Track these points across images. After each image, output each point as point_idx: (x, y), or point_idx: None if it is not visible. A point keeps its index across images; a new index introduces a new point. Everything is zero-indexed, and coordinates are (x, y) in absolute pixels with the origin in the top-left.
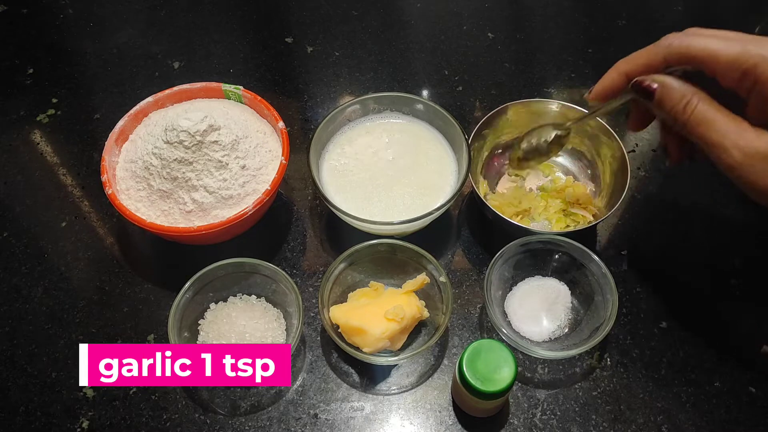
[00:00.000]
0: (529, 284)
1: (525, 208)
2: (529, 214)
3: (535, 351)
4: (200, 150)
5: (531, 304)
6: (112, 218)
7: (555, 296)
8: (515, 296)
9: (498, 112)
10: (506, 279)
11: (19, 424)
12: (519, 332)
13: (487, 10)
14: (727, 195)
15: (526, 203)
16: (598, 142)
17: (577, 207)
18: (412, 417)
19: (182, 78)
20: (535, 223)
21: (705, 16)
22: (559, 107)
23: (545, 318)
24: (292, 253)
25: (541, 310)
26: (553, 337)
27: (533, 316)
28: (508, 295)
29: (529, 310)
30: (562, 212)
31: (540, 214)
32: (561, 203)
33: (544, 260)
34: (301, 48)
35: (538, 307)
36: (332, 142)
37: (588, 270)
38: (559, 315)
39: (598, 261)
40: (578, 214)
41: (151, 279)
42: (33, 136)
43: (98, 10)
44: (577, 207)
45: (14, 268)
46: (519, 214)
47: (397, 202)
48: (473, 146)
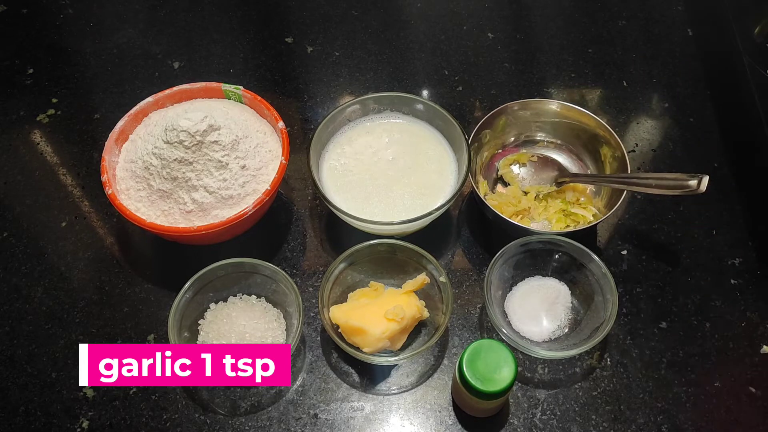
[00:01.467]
0: (529, 284)
1: (524, 208)
2: (529, 213)
3: (535, 351)
4: (200, 150)
5: (531, 304)
6: (112, 218)
7: (555, 296)
8: (515, 296)
9: (498, 112)
10: (506, 279)
11: (19, 424)
12: (519, 332)
13: (487, 10)
14: (726, 194)
15: (526, 203)
16: (598, 141)
17: (577, 207)
18: (412, 417)
19: (182, 78)
20: (535, 223)
21: (705, 16)
22: (559, 107)
23: (545, 318)
24: (292, 253)
25: (541, 310)
26: (553, 337)
27: (533, 316)
28: (508, 295)
29: (529, 310)
30: (562, 212)
31: (540, 214)
32: (561, 203)
33: (544, 260)
34: (301, 48)
35: (538, 307)
36: (332, 142)
37: (588, 270)
38: (559, 315)
39: (598, 261)
40: (578, 214)
41: (151, 279)
42: (33, 136)
43: (98, 10)
44: (577, 207)
45: (14, 268)
46: (519, 213)
47: (397, 202)
48: (473, 146)
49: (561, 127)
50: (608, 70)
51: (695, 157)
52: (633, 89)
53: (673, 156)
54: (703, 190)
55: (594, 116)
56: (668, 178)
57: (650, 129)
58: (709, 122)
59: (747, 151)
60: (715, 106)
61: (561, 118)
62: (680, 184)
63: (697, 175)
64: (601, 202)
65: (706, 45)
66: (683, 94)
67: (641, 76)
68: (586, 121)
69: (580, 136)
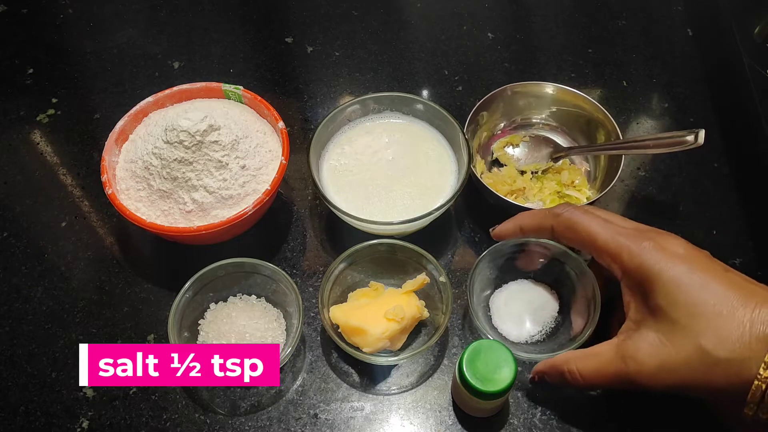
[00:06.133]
0: (519, 286)
1: (520, 188)
2: (524, 194)
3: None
4: (200, 150)
5: (516, 306)
6: (112, 218)
7: (543, 302)
8: (502, 294)
9: (496, 94)
10: (493, 278)
11: (19, 424)
12: (497, 329)
13: (487, 10)
14: (726, 194)
15: (521, 183)
16: (594, 125)
17: (571, 189)
18: (412, 417)
19: (182, 78)
20: (529, 203)
21: (705, 16)
22: (555, 90)
23: (528, 321)
24: (292, 253)
25: (525, 313)
26: (531, 341)
27: (516, 317)
28: (496, 291)
29: (513, 310)
30: (556, 194)
31: (535, 195)
32: (556, 185)
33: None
34: (301, 48)
35: (522, 310)
36: (332, 142)
37: (569, 268)
38: (543, 321)
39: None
40: (572, 197)
41: (151, 279)
42: (33, 136)
43: (98, 10)
44: (572, 189)
45: (14, 268)
46: (514, 193)
47: (397, 202)
48: (469, 128)
49: (558, 110)
50: (608, 70)
51: (695, 156)
52: (633, 89)
53: (673, 155)
54: (701, 143)
55: (592, 100)
56: (665, 137)
57: (650, 129)
58: (709, 122)
59: (747, 151)
60: (715, 106)
61: (558, 102)
62: (677, 140)
63: (694, 130)
64: (596, 186)
65: (706, 45)
66: (683, 94)
67: (641, 76)
68: (582, 105)
69: (577, 119)
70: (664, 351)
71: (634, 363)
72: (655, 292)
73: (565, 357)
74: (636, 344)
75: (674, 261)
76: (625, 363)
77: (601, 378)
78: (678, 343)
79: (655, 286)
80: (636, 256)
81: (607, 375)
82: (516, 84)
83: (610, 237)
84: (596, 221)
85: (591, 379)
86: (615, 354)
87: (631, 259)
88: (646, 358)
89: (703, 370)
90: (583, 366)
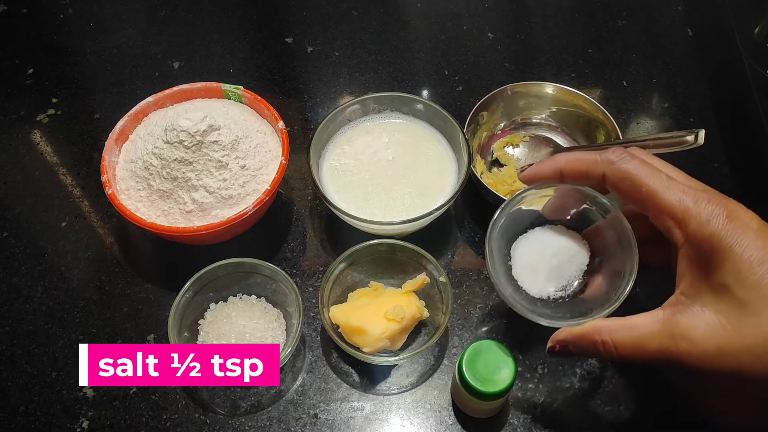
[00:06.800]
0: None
1: (519, 188)
2: None
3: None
4: (200, 150)
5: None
6: (112, 218)
7: (572, 254)
8: (526, 240)
9: (496, 94)
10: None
11: (19, 424)
12: (517, 281)
13: (487, 10)
14: (726, 194)
15: (521, 183)
16: (594, 125)
17: None
18: (412, 417)
19: (182, 78)
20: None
21: (705, 16)
22: (555, 90)
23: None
24: (292, 253)
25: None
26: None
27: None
28: (520, 237)
29: (535, 260)
30: None
31: None
32: None
33: None
34: (301, 48)
35: (546, 261)
36: (332, 142)
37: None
38: (568, 276)
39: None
40: None
41: (151, 279)
42: (33, 136)
43: (98, 10)
44: None
45: (14, 268)
46: (513, 192)
47: (397, 202)
48: (469, 128)
49: (558, 110)
50: (608, 70)
51: (695, 156)
52: (633, 89)
53: (672, 155)
54: (701, 143)
55: (592, 100)
56: (665, 137)
57: (650, 129)
58: (709, 122)
59: (747, 151)
60: (715, 106)
61: (558, 102)
62: (677, 140)
63: (694, 130)
64: None
65: (706, 45)
66: (683, 94)
67: (641, 76)
68: (582, 105)
69: (577, 119)
70: (724, 334)
71: (686, 343)
72: (724, 268)
73: (596, 325)
74: (690, 322)
75: (748, 234)
76: (673, 341)
77: (641, 353)
78: (742, 327)
79: (724, 260)
80: (705, 224)
81: (648, 351)
82: (516, 84)
83: (676, 198)
84: (659, 176)
85: (628, 354)
86: (660, 329)
87: (700, 228)
88: (701, 340)
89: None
90: (619, 338)
